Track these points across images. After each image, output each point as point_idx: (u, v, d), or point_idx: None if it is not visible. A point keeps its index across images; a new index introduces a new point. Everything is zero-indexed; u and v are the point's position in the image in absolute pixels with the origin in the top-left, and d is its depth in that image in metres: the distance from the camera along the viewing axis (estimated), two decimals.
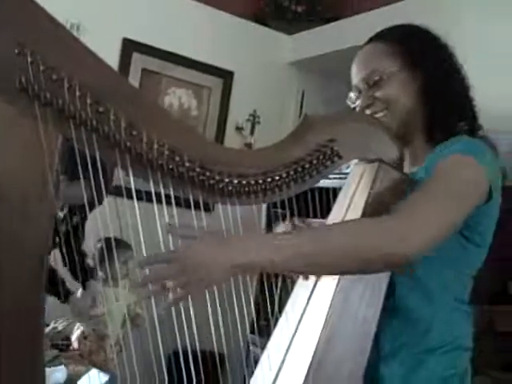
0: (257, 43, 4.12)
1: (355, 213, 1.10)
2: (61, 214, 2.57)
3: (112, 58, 3.65)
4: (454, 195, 1.05)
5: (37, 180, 1.00)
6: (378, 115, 1.19)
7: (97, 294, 2.24)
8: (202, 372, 1.16)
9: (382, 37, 1.26)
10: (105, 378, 1.83)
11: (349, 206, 1.13)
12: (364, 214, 1.08)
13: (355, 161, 1.19)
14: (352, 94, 1.25)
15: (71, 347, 2.12)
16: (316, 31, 4.01)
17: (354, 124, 1.14)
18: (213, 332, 1.17)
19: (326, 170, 1.10)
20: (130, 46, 3.66)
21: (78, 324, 2.18)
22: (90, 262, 2.34)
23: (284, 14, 4.25)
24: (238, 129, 3.93)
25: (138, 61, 3.69)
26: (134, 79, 3.66)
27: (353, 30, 3.60)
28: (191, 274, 0.96)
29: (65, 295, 2.26)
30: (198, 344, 1.16)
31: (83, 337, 2.12)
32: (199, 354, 1.18)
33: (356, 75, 1.25)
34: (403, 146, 1.19)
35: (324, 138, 1.10)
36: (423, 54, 1.21)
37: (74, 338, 2.14)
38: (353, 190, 1.14)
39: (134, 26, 3.70)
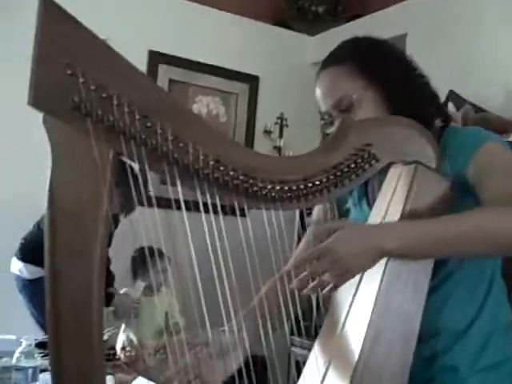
0: (280, 46, 4.16)
1: (393, 215, 1.13)
2: None
3: None
4: None
5: (92, 191, 1.05)
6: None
7: (138, 293, 2.29)
8: (245, 376, 1.21)
9: (337, 59, 1.28)
10: None
11: (387, 208, 1.17)
12: (402, 217, 1.12)
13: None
14: (323, 121, 1.28)
15: (117, 356, 2.17)
16: (338, 30, 4.04)
17: (390, 127, 1.18)
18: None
19: (364, 173, 1.14)
20: (155, 58, 3.75)
21: (121, 333, 2.24)
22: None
23: (305, 16, 4.28)
24: (267, 132, 3.98)
25: (165, 72, 3.78)
26: None
27: (375, 27, 3.61)
28: (342, 264, 1.04)
29: (108, 299, 2.32)
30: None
31: (122, 347, 2.16)
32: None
33: (324, 103, 1.28)
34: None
35: (361, 142, 1.14)
36: (381, 66, 1.24)
37: (117, 347, 2.20)
38: (391, 192, 1.18)
39: (158, 37, 3.78)
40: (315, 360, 1.15)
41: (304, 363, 1.21)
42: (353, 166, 1.13)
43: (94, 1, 3.59)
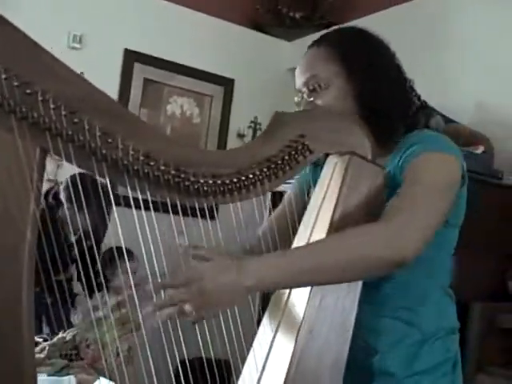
0: (256, 50, 4.16)
1: (330, 204, 1.12)
2: (72, 240, 2.65)
3: (114, 69, 3.73)
4: (438, 192, 1.11)
5: (18, 190, 1.03)
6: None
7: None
8: (209, 380, 1.20)
9: (322, 41, 1.29)
10: None
11: (323, 198, 1.16)
12: (337, 203, 1.11)
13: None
14: (296, 98, 1.28)
15: (80, 357, 2.15)
16: (315, 37, 4.00)
17: (325, 119, 1.16)
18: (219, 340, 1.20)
19: (298, 165, 1.13)
20: (131, 57, 3.74)
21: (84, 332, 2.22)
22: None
23: (283, 21, 4.28)
24: (240, 136, 3.96)
25: (140, 71, 3.76)
26: (137, 89, 3.73)
27: None
28: (207, 297, 1.00)
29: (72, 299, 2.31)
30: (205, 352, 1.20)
31: (86, 345, 2.15)
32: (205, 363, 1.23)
33: (298, 79, 1.28)
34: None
35: (294, 133, 1.13)
36: (358, 58, 1.24)
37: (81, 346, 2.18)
38: (327, 183, 1.17)
39: (134, 36, 3.77)
40: (253, 358, 1.14)
41: None
42: (286, 157, 1.12)
43: None
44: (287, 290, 1.14)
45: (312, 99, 1.24)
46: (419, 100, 1.30)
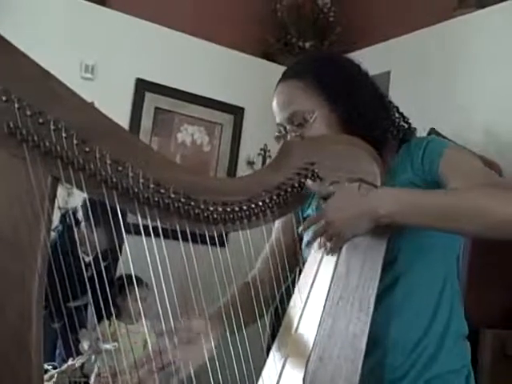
0: (266, 79, 4.14)
1: None
2: (87, 259, 2.65)
3: (126, 98, 3.77)
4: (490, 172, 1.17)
5: (28, 218, 1.03)
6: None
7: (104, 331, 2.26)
8: None
9: (295, 73, 1.28)
10: None
11: None
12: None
13: None
14: (278, 133, 1.28)
15: None
16: None
17: (333, 146, 1.17)
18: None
19: (308, 192, 1.13)
20: (143, 86, 3.78)
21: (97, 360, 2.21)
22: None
23: (292, 50, 4.32)
24: (250, 163, 3.97)
25: (151, 100, 3.80)
26: (148, 118, 3.76)
27: (362, 63, 3.66)
28: (335, 226, 1.08)
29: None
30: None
31: (98, 373, 2.14)
32: None
33: (278, 114, 1.28)
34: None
35: (303, 161, 1.13)
36: (336, 84, 1.24)
37: (93, 374, 2.17)
38: None
39: (146, 66, 3.81)
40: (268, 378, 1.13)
41: None
42: (296, 185, 1.12)
43: (83, 27, 3.63)
44: (297, 316, 1.13)
45: (299, 133, 1.24)
46: (402, 116, 1.32)
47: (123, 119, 3.67)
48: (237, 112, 3.96)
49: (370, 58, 3.79)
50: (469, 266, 2.47)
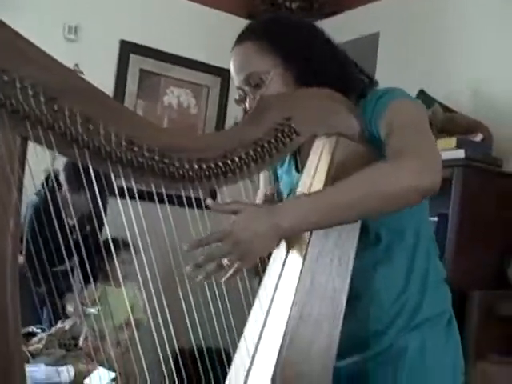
0: None
1: (318, 186, 1.10)
2: (71, 223, 2.63)
3: (110, 60, 3.70)
4: (425, 131, 1.14)
5: None
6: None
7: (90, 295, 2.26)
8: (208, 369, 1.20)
9: (250, 35, 1.27)
10: (110, 375, 1.85)
11: (311, 183, 1.13)
12: (325, 186, 1.09)
13: None
14: (237, 96, 1.28)
15: (78, 346, 2.15)
16: None
17: (310, 100, 1.14)
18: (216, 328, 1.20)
19: (285, 147, 1.11)
20: (127, 48, 3.72)
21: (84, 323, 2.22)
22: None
23: (279, 11, 4.23)
24: (237, 125, 3.94)
25: (136, 62, 3.74)
26: (133, 80, 3.71)
27: (349, 25, 3.62)
28: (243, 246, 1.02)
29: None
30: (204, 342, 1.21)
31: (85, 336, 2.15)
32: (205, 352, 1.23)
33: (236, 77, 1.27)
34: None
35: (280, 116, 1.10)
36: (289, 43, 1.23)
37: (81, 337, 2.18)
38: (314, 165, 1.14)
39: (130, 27, 3.74)
40: (245, 345, 1.12)
41: None
42: (273, 140, 1.10)
43: None
44: (277, 273, 1.12)
45: (257, 94, 1.23)
46: (362, 72, 1.29)
47: (108, 82, 3.61)
48: (223, 74, 3.89)
49: (358, 19, 3.78)
50: (457, 228, 2.48)
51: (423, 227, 1.26)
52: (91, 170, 1.16)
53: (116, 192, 1.11)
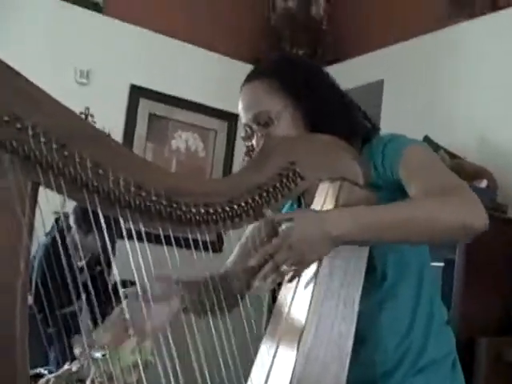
0: None
1: None
2: (79, 264, 2.65)
3: (120, 104, 3.77)
4: (449, 172, 1.18)
5: (9, 224, 1.03)
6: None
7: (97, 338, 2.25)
8: None
9: (260, 73, 1.29)
10: None
11: None
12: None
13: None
14: (243, 134, 1.30)
15: None
16: None
17: (314, 145, 1.17)
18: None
19: (290, 192, 1.13)
20: (137, 92, 3.79)
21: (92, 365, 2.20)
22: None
23: None
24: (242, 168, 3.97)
25: (145, 106, 3.82)
26: (142, 124, 3.78)
27: (353, 72, 3.68)
28: (298, 252, 1.04)
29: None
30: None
31: (93, 378, 2.13)
32: None
33: (244, 115, 1.29)
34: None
35: (285, 160, 1.13)
36: (299, 84, 1.26)
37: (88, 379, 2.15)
38: (319, 208, 1.16)
39: (141, 72, 3.83)
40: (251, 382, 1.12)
41: None
42: (278, 185, 1.12)
43: (76, 33, 3.65)
44: (284, 316, 1.13)
45: (264, 133, 1.25)
46: (365, 115, 1.32)
47: (117, 125, 3.68)
48: (230, 118, 3.96)
49: (363, 67, 3.84)
50: (464, 274, 2.48)
51: (426, 268, 1.27)
52: (100, 214, 1.19)
53: (124, 234, 1.13)
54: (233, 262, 1.40)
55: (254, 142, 1.28)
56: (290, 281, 1.09)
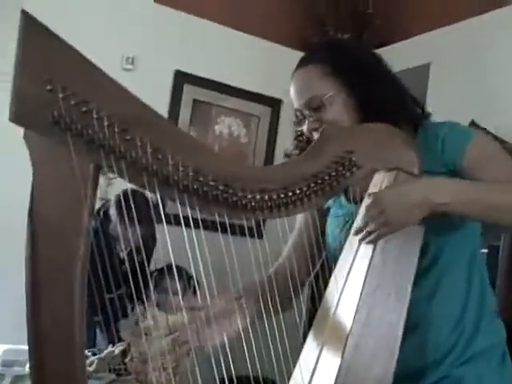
0: None
1: None
2: (122, 255, 2.70)
3: (165, 89, 3.81)
4: None
5: (71, 205, 1.06)
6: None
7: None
8: None
9: (313, 59, 1.29)
10: None
11: None
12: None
13: None
14: (295, 119, 1.31)
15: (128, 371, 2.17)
16: None
17: (370, 134, 1.17)
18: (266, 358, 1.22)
19: (345, 180, 1.14)
20: (181, 78, 3.81)
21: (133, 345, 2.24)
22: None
23: None
24: (287, 156, 3.96)
25: (189, 91, 3.83)
26: (186, 109, 3.80)
27: (399, 56, 3.62)
28: (386, 214, 1.06)
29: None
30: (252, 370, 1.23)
31: (130, 358, 2.17)
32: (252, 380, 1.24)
33: (297, 100, 1.30)
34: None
35: (342, 149, 1.14)
36: (353, 69, 1.25)
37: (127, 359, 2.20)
38: None
39: (185, 58, 3.85)
40: (300, 374, 1.14)
41: None
42: (333, 173, 1.13)
43: (122, 20, 3.69)
44: (333, 305, 1.14)
45: (316, 118, 1.26)
46: (415, 101, 1.31)
47: (161, 111, 3.61)
48: (274, 104, 3.96)
49: (410, 50, 3.78)
50: (508, 261, 2.44)
51: (477, 253, 1.27)
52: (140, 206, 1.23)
53: (163, 220, 1.17)
54: (286, 256, 1.41)
55: (304, 127, 1.29)
56: (370, 243, 1.10)
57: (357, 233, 1.12)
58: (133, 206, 1.28)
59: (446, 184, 1.11)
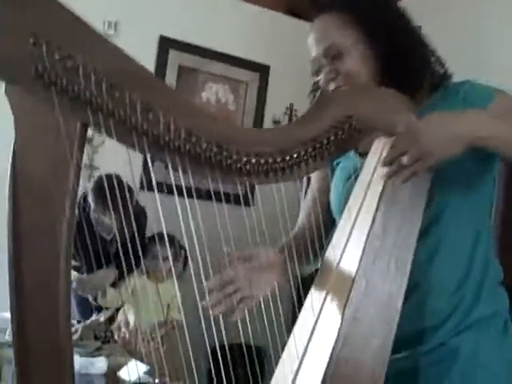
0: (292, 36, 4.08)
1: (376, 188, 1.08)
2: (107, 237, 2.65)
3: (149, 56, 3.72)
4: None
5: (57, 165, 1.01)
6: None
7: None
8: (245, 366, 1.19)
9: (334, 7, 1.24)
10: (143, 368, 1.85)
11: (370, 181, 1.11)
12: (385, 186, 1.07)
13: None
14: (313, 68, 1.26)
15: (114, 339, 2.15)
16: None
17: (371, 98, 1.12)
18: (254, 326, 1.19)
19: (344, 145, 1.09)
20: (166, 43, 3.73)
21: (120, 313, 2.22)
22: None
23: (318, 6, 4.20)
24: (276, 122, 3.92)
25: (175, 57, 3.75)
26: (172, 76, 3.72)
27: None
28: (423, 146, 0.99)
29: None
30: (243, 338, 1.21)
31: (118, 327, 2.15)
32: (245, 348, 1.22)
33: (314, 49, 1.25)
34: None
35: (342, 113, 1.09)
36: (375, 20, 1.20)
37: (113, 327, 2.18)
38: (373, 165, 1.13)
39: (170, 23, 3.76)
40: (294, 343, 1.10)
41: None
42: (332, 138, 1.08)
43: None
44: (332, 273, 1.10)
45: (333, 68, 1.22)
46: (439, 60, 1.26)
47: None
48: (262, 70, 3.89)
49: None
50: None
51: (487, 219, 1.23)
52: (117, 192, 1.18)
53: (155, 187, 1.12)
54: (306, 215, 1.38)
55: (321, 77, 1.24)
56: (405, 181, 1.03)
57: (385, 165, 1.03)
58: (108, 192, 1.24)
59: (484, 118, 1.06)
